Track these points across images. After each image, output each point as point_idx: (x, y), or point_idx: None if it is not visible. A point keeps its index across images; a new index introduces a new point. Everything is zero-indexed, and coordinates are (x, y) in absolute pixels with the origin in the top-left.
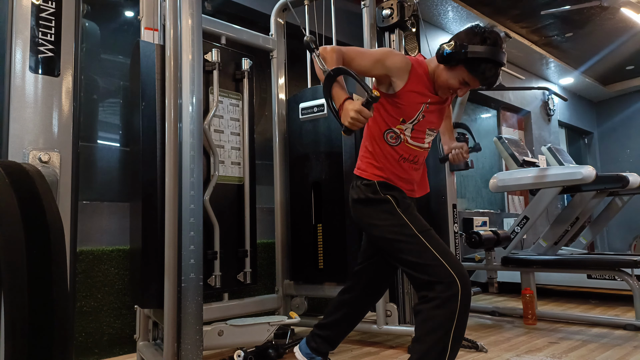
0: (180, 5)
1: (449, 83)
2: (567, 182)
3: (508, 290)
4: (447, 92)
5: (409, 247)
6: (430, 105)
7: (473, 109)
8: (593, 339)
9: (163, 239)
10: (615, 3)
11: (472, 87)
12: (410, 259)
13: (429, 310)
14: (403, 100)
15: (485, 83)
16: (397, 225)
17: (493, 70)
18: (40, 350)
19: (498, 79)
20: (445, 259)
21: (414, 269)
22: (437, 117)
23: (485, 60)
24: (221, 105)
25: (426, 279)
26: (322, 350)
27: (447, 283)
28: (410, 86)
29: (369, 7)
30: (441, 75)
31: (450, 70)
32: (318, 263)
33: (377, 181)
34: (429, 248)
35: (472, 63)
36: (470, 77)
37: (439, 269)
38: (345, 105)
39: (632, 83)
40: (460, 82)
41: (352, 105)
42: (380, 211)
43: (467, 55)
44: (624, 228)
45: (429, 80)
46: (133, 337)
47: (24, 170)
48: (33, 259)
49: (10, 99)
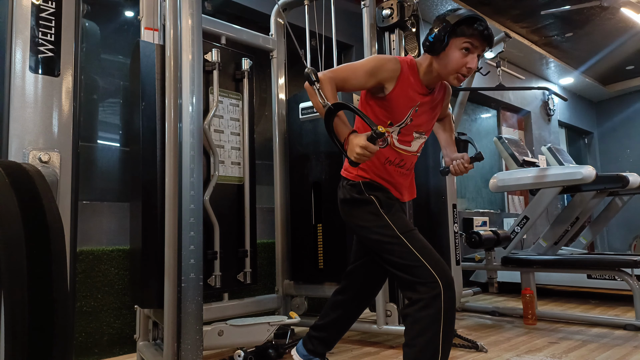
0: (180, 5)
1: (454, 63)
2: (567, 182)
3: (508, 290)
4: (457, 76)
5: (392, 247)
6: (420, 108)
7: (473, 109)
8: (593, 339)
9: (163, 239)
10: (615, 3)
11: (476, 51)
12: (394, 259)
13: (414, 312)
14: (391, 104)
15: (484, 36)
16: (381, 226)
17: (483, 23)
18: (40, 350)
19: (490, 30)
20: (427, 259)
21: (398, 269)
22: (425, 120)
23: (469, 17)
24: (221, 105)
25: (409, 280)
26: (319, 351)
27: (430, 284)
28: (399, 90)
29: (369, 7)
30: (441, 64)
31: (447, 52)
32: (318, 263)
33: (361, 181)
34: (410, 249)
35: (461, 26)
36: (468, 40)
37: (421, 270)
38: (350, 139)
39: (632, 83)
40: (463, 54)
41: (357, 140)
42: (365, 212)
43: (451, 24)
44: (624, 228)
45: (417, 81)
46: (133, 337)
47: (24, 170)
48: (33, 259)
49: (10, 99)
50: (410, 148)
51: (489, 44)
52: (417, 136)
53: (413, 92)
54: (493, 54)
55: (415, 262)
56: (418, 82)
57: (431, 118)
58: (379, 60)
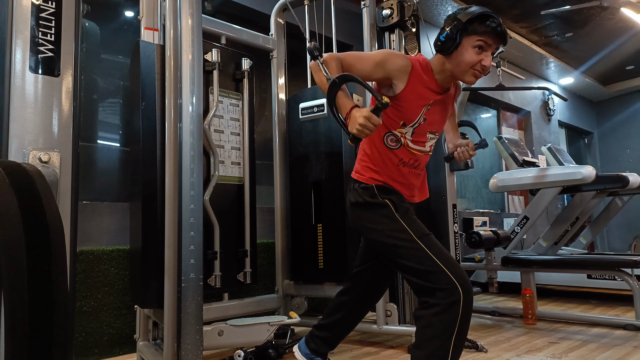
0: (180, 5)
1: (468, 61)
2: (567, 182)
3: (508, 290)
4: (474, 72)
5: (408, 252)
6: (432, 107)
7: (473, 109)
8: (593, 339)
9: (163, 239)
10: (615, 3)
11: (490, 48)
12: (410, 264)
13: (430, 316)
14: (403, 103)
15: (498, 34)
16: (396, 230)
17: (496, 20)
18: (40, 350)
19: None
20: (446, 265)
21: (414, 275)
22: (439, 120)
23: (482, 14)
24: (221, 105)
25: (427, 286)
26: (322, 351)
27: (449, 290)
28: (410, 88)
29: (369, 7)
30: (453, 63)
31: (460, 51)
32: (318, 263)
33: (374, 185)
34: (428, 254)
35: (473, 24)
36: (481, 39)
37: (440, 276)
38: (353, 112)
39: (632, 83)
40: (477, 52)
41: (359, 112)
42: (379, 215)
43: (463, 22)
44: (624, 228)
45: (431, 79)
46: (133, 337)
47: (24, 170)
48: (33, 259)
49: (10, 99)
50: (424, 148)
51: (503, 41)
52: (430, 136)
53: (426, 89)
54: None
55: (434, 268)
56: (433, 80)
57: (444, 116)
58: (389, 53)
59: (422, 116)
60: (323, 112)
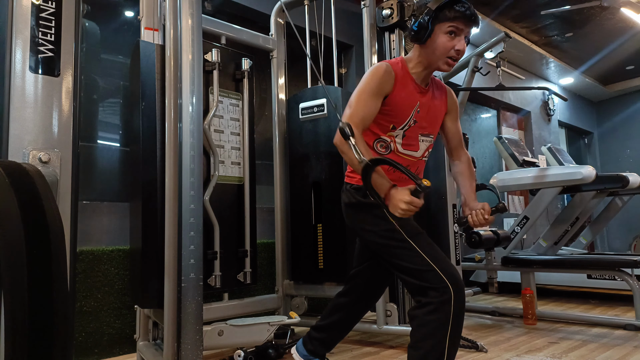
0: (180, 5)
1: (441, 48)
2: (567, 182)
3: (508, 290)
4: (447, 60)
5: (401, 252)
6: (421, 108)
7: (473, 109)
8: (593, 339)
9: (163, 239)
10: (615, 3)
11: (462, 32)
12: (403, 264)
13: (423, 315)
14: (392, 106)
15: (467, 17)
16: (388, 230)
17: (464, 4)
18: (40, 350)
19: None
20: (437, 264)
21: (407, 274)
22: (430, 121)
23: (450, 0)
24: (221, 105)
25: (419, 284)
26: (319, 352)
27: (440, 288)
28: (397, 92)
29: (369, 7)
30: (429, 52)
31: (433, 38)
32: (318, 263)
33: None
34: (420, 253)
35: (443, 10)
36: (452, 24)
37: (431, 275)
38: (393, 195)
39: (632, 83)
40: (450, 38)
41: (400, 195)
42: (371, 216)
43: (433, 9)
44: (624, 228)
45: (410, 78)
46: (133, 337)
47: (24, 170)
48: (33, 259)
49: (10, 99)
50: (416, 153)
51: (475, 23)
52: (422, 139)
53: (410, 91)
54: (493, 54)
55: (425, 267)
56: (411, 80)
57: (436, 118)
58: (377, 76)
59: (411, 118)
60: (323, 112)
